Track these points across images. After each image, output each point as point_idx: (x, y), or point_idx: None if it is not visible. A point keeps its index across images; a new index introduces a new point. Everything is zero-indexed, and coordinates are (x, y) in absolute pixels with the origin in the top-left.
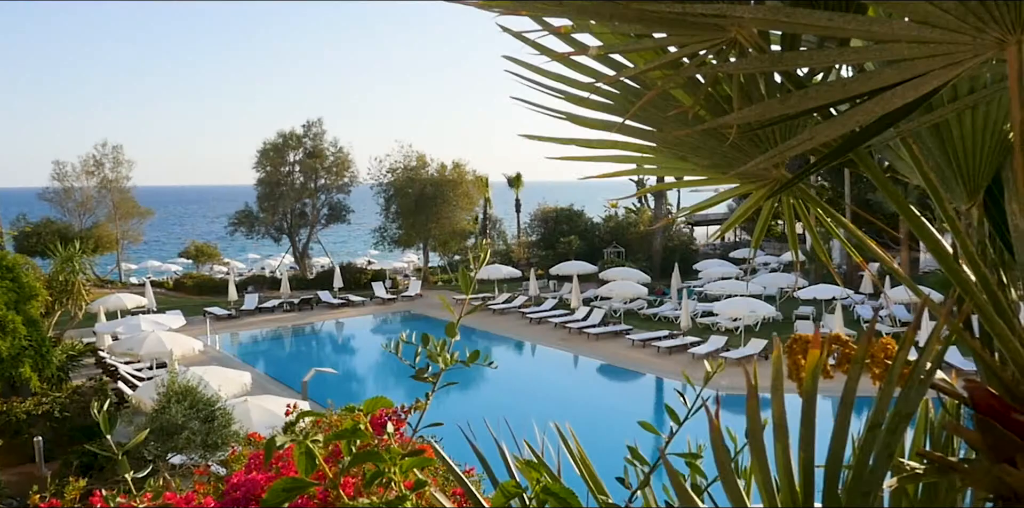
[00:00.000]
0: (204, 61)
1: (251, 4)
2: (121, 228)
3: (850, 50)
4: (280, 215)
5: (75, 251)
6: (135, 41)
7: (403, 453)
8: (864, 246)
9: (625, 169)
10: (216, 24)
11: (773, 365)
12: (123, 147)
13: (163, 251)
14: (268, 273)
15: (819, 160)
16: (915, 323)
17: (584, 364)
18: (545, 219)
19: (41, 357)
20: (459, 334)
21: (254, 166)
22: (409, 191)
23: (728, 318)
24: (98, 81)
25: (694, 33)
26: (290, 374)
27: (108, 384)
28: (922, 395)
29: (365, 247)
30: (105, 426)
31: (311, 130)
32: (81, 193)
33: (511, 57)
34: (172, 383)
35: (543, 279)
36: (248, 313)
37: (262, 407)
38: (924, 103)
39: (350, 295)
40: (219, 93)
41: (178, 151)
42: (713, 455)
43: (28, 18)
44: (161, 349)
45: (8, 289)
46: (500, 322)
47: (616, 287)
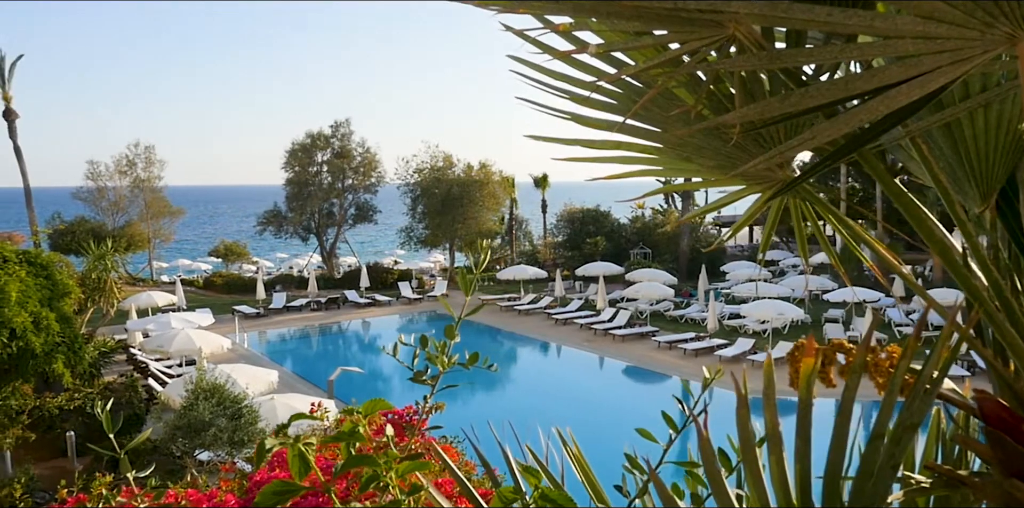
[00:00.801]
0: (236, 61)
1: (286, 4)
2: (153, 227)
3: (851, 46)
4: (308, 215)
5: (107, 249)
6: (167, 42)
7: (400, 457)
8: (871, 248)
9: (631, 170)
10: (248, 24)
11: (764, 373)
12: (155, 147)
13: (194, 250)
14: (296, 272)
15: (821, 160)
16: (918, 330)
17: (609, 366)
18: (571, 220)
19: (74, 353)
20: (458, 336)
21: (283, 166)
22: (436, 191)
23: (756, 320)
24: (131, 82)
25: (692, 30)
26: (317, 373)
27: (139, 381)
28: (928, 405)
29: (392, 247)
30: (108, 426)
31: (339, 130)
32: (114, 192)
33: (515, 56)
34: (200, 380)
35: (569, 280)
36: (276, 312)
37: (288, 405)
38: (933, 101)
39: (376, 295)
40: (250, 93)
41: (209, 151)
42: (704, 468)
43: (63, 20)
44: (190, 347)
45: (42, 286)
46: (526, 323)
47: (642, 288)
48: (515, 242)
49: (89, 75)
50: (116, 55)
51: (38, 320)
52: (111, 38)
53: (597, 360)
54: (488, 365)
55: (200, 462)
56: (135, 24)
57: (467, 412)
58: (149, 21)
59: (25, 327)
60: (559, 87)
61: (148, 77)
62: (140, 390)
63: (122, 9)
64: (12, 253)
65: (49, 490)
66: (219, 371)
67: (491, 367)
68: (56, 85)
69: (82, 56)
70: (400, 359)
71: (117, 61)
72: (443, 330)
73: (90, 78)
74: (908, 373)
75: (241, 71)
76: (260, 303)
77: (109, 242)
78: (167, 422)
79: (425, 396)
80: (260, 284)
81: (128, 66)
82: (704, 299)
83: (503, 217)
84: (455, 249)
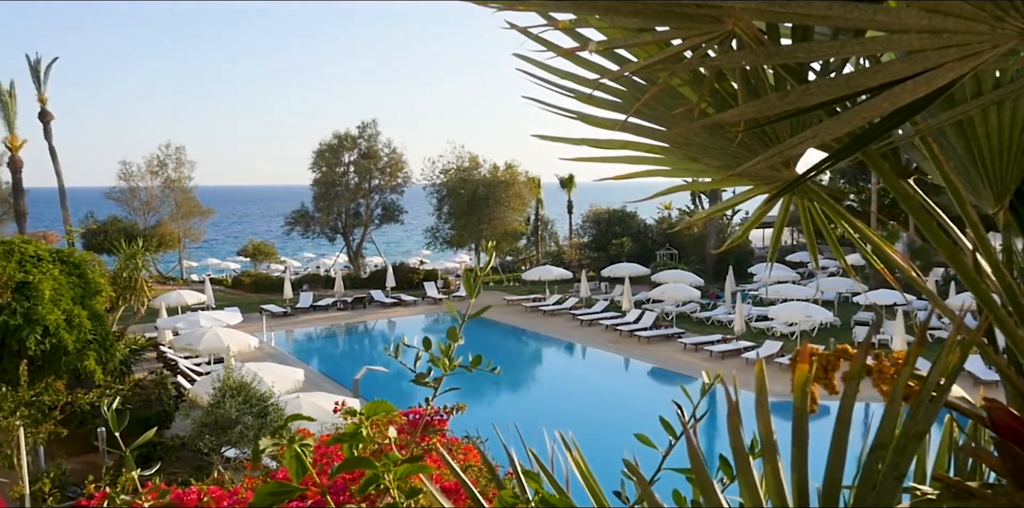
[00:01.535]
0: (265, 62)
1: (317, 4)
2: (183, 226)
3: (853, 42)
4: (335, 215)
5: (138, 249)
6: (197, 43)
7: (400, 459)
8: (880, 250)
9: (639, 170)
10: (276, 25)
11: (756, 380)
12: (185, 148)
13: (223, 249)
14: (323, 272)
15: (823, 160)
16: (920, 335)
17: (635, 367)
18: (597, 220)
19: (105, 351)
20: (462, 338)
21: (310, 167)
22: (461, 192)
23: (784, 323)
24: (162, 83)
25: (692, 26)
26: (342, 372)
27: (168, 378)
28: (934, 414)
29: (418, 247)
30: (114, 423)
31: (365, 131)
32: (146, 192)
33: (522, 55)
34: (227, 378)
35: (594, 281)
36: (303, 311)
37: (314, 404)
38: (942, 98)
39: (402, 295)
40: (279, 94)
41: (238, 152)
42: (696, 479)
43: (95, 21)
44: (219, 345)
45: (75, 285)
46: (551, 323)
47: (668, 289)
48: (541, 243)
49: (121, 76)
50: (147, 56)
51: (71, 318)
52: (142, 39)
53: (622, 361)
54: (491, 368)
55: (227, 459)
56: (166, 25)
57: (491, 412)
58: (179, 22)
59: (58, 324)
60: (565, 86)
61: (179, 78)
62: (169, 387)
63: (152, 9)
64: (46, 252)
65: (80, 484)
66: (246, 369)
67: (494, 370)
68: (88, 86)
69: (113, 57)
70: (402, 361)
71: (148, 62)
72: (474, 329)
73: (121, 79)
74: (913, 380)
75: (270, 72)
76: (287, 302)
77: (140, 241)
78: (194, 419)
79: (427, 398)
80: (287, 283)
81: (159, 67)
82: (731, 301)
83: (529, 218)
84: (480, 249)
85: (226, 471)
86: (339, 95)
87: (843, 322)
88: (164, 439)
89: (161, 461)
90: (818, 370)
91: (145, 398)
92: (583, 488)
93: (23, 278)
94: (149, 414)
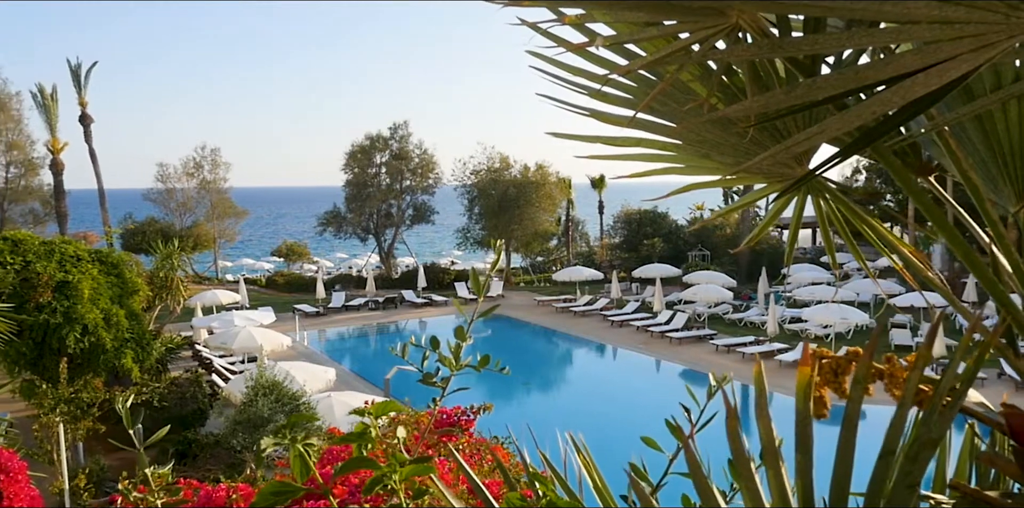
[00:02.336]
0: (297, 64)
1: (348, 5)
2: (218, 227)
3: (860, 33)
4: (367, 215)
5: (174, 249)
6: (233, 46)
7: (406, 459)
8: (896, 249)
9: (654, 168)
10: (314, 27)
11: (755, 382)
12: (220, 150)
13: (257, 250)
14: (355, 272)
15: (831, 156)
16: (930, 336)
17: (666, 368)
18: (628, 221)
19: (142, 349)
20: (471, 338)
21: (342, 168)
22: (492, 192)
23: (818, 325)
24: (198, 86)
25: (696, 20)
26: (373, 371)
27: (203, 376)
28: (949, 420)
29: (449, 248)
30: (127, 421)
31: (397, 132)
32: (182, 194)
33: (535, 53)
34: (260, 377)
35: (625, 282)
36: (335, 311)
37: (345, 403)
38: (960, 92)
39: (433, 295)
40: (312, 96)
41: (272, 154)
42: (696, 487)
43: (133, 23)
44: (252, 344)
45: (113, 284)
46: (581, 324)
47: (700, 291)
48: (572, 243)
49: (157, 78)
50: (182, 58)
51: (109, 317)
52: (178, 41)
53: (653, 363)
54: (500, 368)
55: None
56: (201, 27)
57: (522, 413)
58: (215, 24)
59: (96, 323)
60: (577, 82)
61: (215, 81)
62: (204, 385)
63: (188, 10)
64: (85, 252)
65: (117, 480)
66: (279, 368)
67: (503, 370)
68: (126, 88)
69: (150, 59)
70: (410, 360)
71: (184, 64)
72: (505, 330)
73: (157, 81)
74: (928, 384)
75: (304, 74)
76: (320, 302)
77: (176, 242)
78: (228, 417)
79: (434, 398)
80: (320, 283)
81: (195, 70)
82: (764, 302)
83: (559, 218)
84: (511, 250)
85: (258, 469)
86: (371, 96)
87: (880, 324)
88: (199, 436)
89: (196, 458)
90: (828, 373)
91: (181, 396)
92: (592, 491)
93: (63, 278)
94: (185, 412)
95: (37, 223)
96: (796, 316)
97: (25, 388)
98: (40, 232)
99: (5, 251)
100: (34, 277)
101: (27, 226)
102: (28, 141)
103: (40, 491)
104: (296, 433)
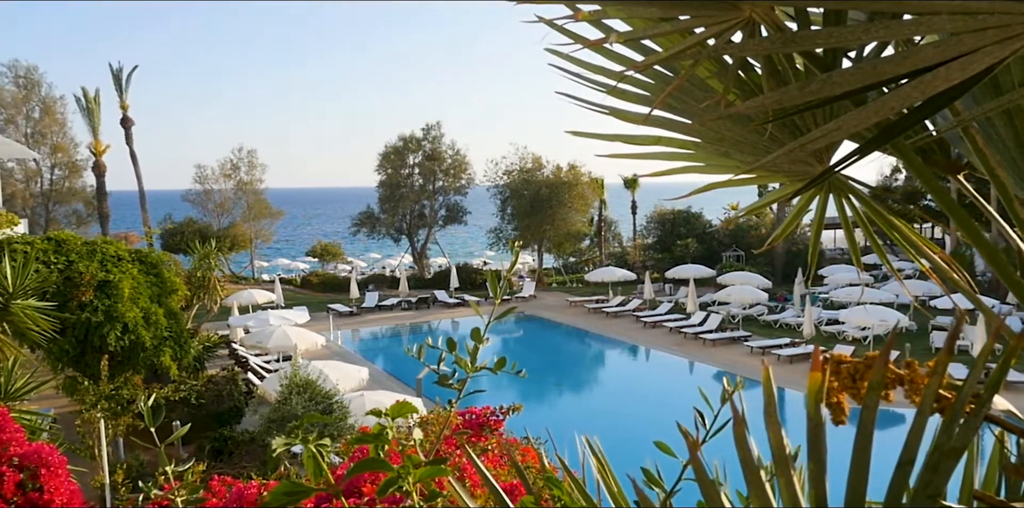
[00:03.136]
0: (332, 67)
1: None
2: (254, 228)
3: (877, 26)
4: (400, 216)
5: (211, 249)
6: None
7: (420, 461)
8: (919, 250)
9: (674, 167)
10: (348, 29)
11: (764, 389)
12: (257, 151)
13: (292, 250)
14: (388, 272)
15: (849, 154)
16: (951, 340)
17: (699, 370)
18: (662, 221)
19: (180, 347)
20: (488, 340)
21: (376, 169)
22: (524, 193)
23: (856, 327)
24: (234, 89)
25: (710, 14)
26: (406, 371)
27: (239, 374)
28: (973, 429)
29: (481, 248)
30: (149, 419)
31: (430, 133)
32: (219, 194)
33: (553, 50)
34: (294, 376)
35: (658, 283)
36: (368, 310)
37: (377, 402)
38: (987, 85)
39: (465, 295)
40: (345, 97)
41: (307, 155)
42: (704, 497)
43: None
44: (287, 343)
45: (152, 283)
46: (613, 325)
47: (735, 292)
48: (604, 244)
49: (194, 81)
50: (219, 62)
51: (148, 315)
52: (215, 43)
53: (686, 364)
54: (516, 371)
55: (293, 454)
56: (238, 29)
57: (553, 413)
58: (251, 23)
59: (136, 322)
60: (595, 80)
61: (250, 84)
62: (240, 383)
63: (224, 12)
64: (125, 252)
65: (154, 475)
66: (312, 367)
67: (519, 373)
68: (164, 91)
69: (188, 62)
70: (425, 361)
71: (220, 67)
72: (537, 330)
73: (195, 84)
74: (951, 391)
75: (337, 76)
76: (353, 302)
77: (214, 242)
78: (262, 415)
79: (450, 401)
80: (354, 283)
81: (231, 73)
82: (800, 304)
83: (592, 218)
84: (543, 250)
85: (292, 466)
86: (404, 97)
87: (920, 327)
88: (235, 433)
89: (232, 455)
90: (846, 379)
91: (217, 394)
92: (605, 494)
93: (104, 277)
94: (221, 409)
95: (81, 224)
96: (833, 318)
97: (68, 385)
98: (83, 232)
99: (49, 251)
100: (77, 276)
101: (71, 226)
102: (72, 144)
103: (81, 485)
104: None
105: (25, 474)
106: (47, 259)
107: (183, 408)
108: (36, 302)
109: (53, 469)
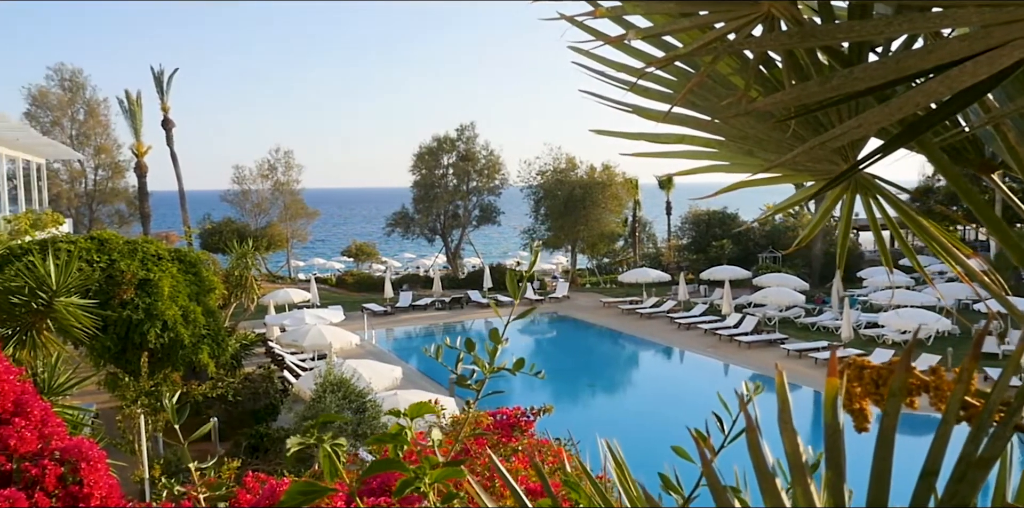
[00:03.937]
0: (367, 66)
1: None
2: (291, 227)
3: (900, 19)
4: (434, 216)
5: (248, 248)
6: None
7: (437, 462)
8: (945, 250)
9: (698, 166)
10: (384, 28)
11: (778, 394)
12: (293, 152)
13: (328, 249)
14: (422, 272)
15: (872, 152)
16: (976, 346)
17: (734, 373)
18: (697, 222)
19: (218, 345)
20: (507, 341)
21: (410, 169)
22: (558, 193)
23: (895, 330)
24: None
25: (728, 9)
26: (439, 370)
27: (275, 372)
28: (1004, 437)
29: (515, 248)
30: (173, 417)
31: (464, 133)
32: (257, 195)
33: (576, 48)
34: (329, 374)
35: (693, 284)
36: (402, 310)
37: (410, 401)
38: (1016, 80)
39: (499, 295)
40: (381, 97)
41: (342, 155)
42: (713, 501)
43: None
44: (322, 342)
45: (191, 282)
46: (647, 326)
47: (771, 293)
48: (638, 244)
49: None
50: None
51: (187, 313)
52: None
53: (721, 367)
54: (535, 372)
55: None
56: (274, 28)
57: (586, 414)
58: (288, 23)
59: (175, 320)
60: (617, 77)
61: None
62: (276, 381)
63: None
64: (165, 251)
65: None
66: (347, 366)
67: (538, 374)
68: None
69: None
70: (443, 362)
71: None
72: (570, 331)
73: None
74: (978, 399)
75: (370, 76)
76: (388, 301)
77: (251, 242)
78: (297, 413)
79: (467, 401)
80: (388, 283)
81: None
82: (838, 306)
83: (626, 219)
84: (577, 251)
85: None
86: (438, 98)
87: (963, 331)
88: (270, 430)
89: (267, 451)
90: (869, 384)
91: (254, 391)
92: (624, 498)
93: (145, 275)
94: (257, 406)
95: (123, 223)
96: (872, 321)
97: (109, 381)
98: (125, 232)
99: (92, 250)
100: (118, 275)
101: (113, 226)
102: (115, 145)
103: (121, 479)
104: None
105: (66, 468)
106: (90, 258)
107: (221, 405)
108: (79, 300)
109: (93, 463)
